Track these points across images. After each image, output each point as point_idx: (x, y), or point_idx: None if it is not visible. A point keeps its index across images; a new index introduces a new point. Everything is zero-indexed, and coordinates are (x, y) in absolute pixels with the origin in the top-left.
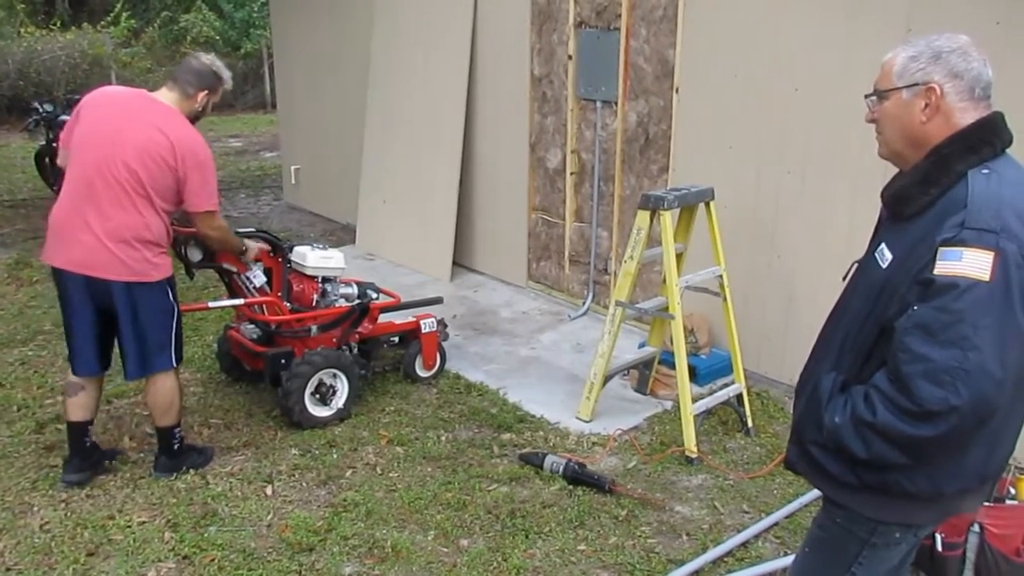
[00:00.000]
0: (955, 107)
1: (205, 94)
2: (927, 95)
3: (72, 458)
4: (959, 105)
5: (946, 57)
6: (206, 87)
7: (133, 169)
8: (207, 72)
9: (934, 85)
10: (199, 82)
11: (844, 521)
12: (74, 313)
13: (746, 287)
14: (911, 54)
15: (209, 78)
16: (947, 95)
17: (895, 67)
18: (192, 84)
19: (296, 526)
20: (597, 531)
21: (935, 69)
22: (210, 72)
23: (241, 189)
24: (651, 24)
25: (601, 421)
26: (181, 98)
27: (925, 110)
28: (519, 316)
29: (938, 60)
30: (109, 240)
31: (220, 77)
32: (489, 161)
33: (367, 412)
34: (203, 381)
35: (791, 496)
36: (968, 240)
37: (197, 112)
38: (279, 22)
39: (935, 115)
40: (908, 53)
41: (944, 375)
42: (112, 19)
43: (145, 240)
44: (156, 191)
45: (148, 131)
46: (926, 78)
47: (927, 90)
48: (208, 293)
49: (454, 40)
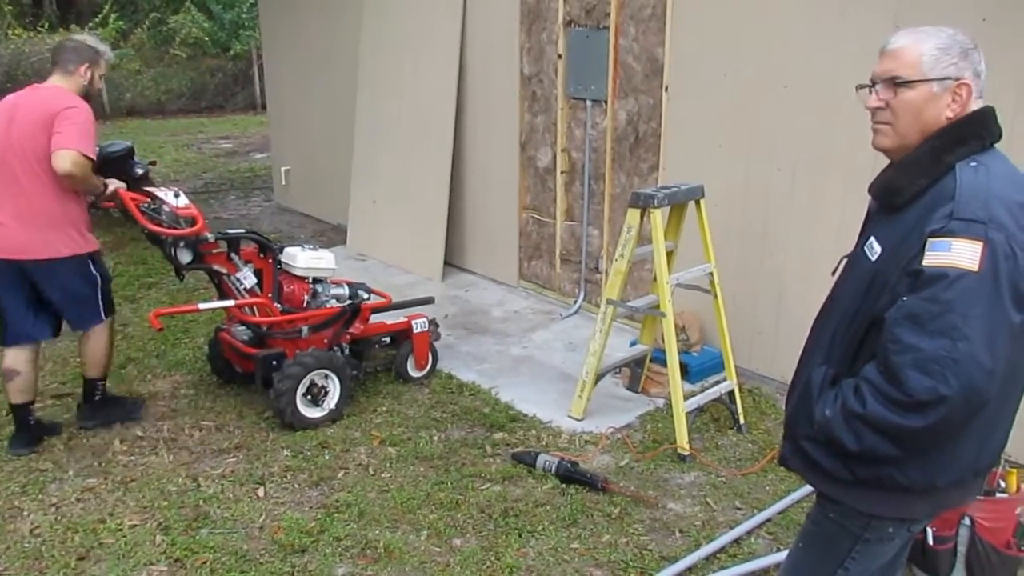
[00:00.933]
0: (971, 104)
1: (86, 67)
2: (959, 90)
3: (18, 433)
4: (973, 104)
5: (971, 55)
6: (86, 60)
7: (28, 156)
8: (82, 47)
9: (967, 82)
10: (77, 58)
11: (837, 516)
12: (5, 292)
13: (737, 284)
14: (941, 46)
15: (86, 52)
16: (972, 92)
17: (924, 57)
18: (72, 61)
19: (288, 527)
20: (590, 529)
21: (965, 65)
22: (85, 47)
23: (231, 190)
24: (640, 22)
25: (593, 419)
26: (64, 76)
27: (952, 105)
28: (511, 315)
29: (967, 57)
30: (19, 223)
31: (97, 50)
32: (479, 161)
33: (359, 413)
34: (194, 383)
35: (783, 492)
36: (957, 231)
37: (85, 86)
38: (268, 23)
39: (960, 110)
40: (935, 43)
41: (934, 365)
42: (100, 20)
43: (54, 219)
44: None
45: (34, 114)
46: (959, 73)
47: (959, 85)
48: (198, 295)
49: (443, 40)
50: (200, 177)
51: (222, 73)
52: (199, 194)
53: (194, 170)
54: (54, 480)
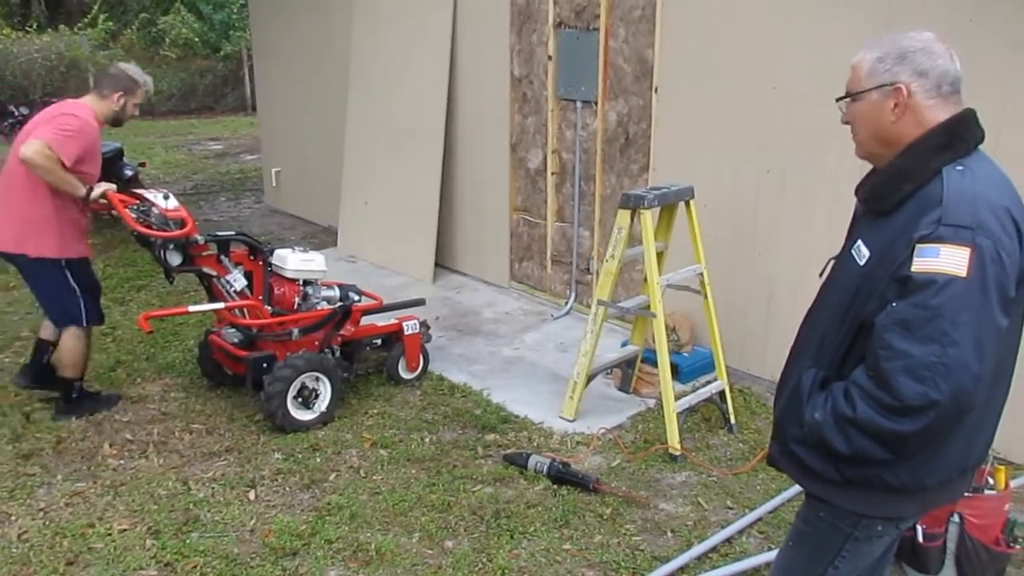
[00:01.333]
0: (923, 105)
1: (120, 95)
2: (895, 95)
3: (28, 366)
4: (927, 103)
5: (911, 56)
6: (121, 88)
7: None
8: (121, 76)
9: (901, 85)
10: (114, 84)
11: (827, 515)
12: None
13: (727, 285)
14: (878, 55)
15: (123, 81)
16: (915, 94)
17: (864, 69)
18: (108, 87)
19: (279, 531)
20: (582, 530)
21: (901, 69)
22: (124, 76)
23: (221, 192)
24: (630, 24)
25: (585, 420)
26: (97, 98)
27: (895, 110)
28: (502, 316)
29: (904, 60)
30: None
31: (135, 80)
32: (470, 162)
33: (350, 415)
34: (184, 386)
35: (774, 491)
36: (945, 237)
37: (116, 112)
38: (259, 24)
39: (904, 114)
40: (875, 54)
41: (924, 370)
42: (89, 21)
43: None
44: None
45: (41, 117)
46: (893, 78)
47: (895, 90)
48: (188, 297)
49: (434, 41)
50: (190, 179)
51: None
52: (189, 196)
53: (184, 172)
54: (42, 484)
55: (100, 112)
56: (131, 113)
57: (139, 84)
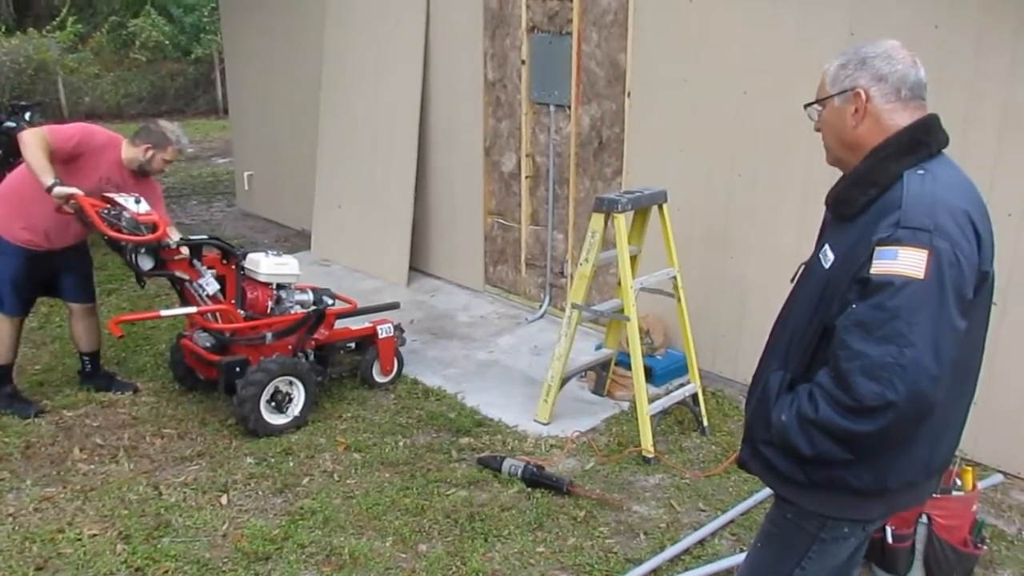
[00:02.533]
0: (882, 109)
1: (148, 147)
2: (855, 100)
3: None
4: (886, 107)
5: (871, 62)
6: (151, 143)
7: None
8: (155, 131)
9: (860, 90)
10: (146, 137)
11: (794, 517)
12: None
13: (700, 288)
14: (841, 62)
15: (156, 136)
16: (873, 98)
17: (828, 76)
18: (140, 138)
19: (252, 535)
20: (556, 532)
21: (861, 74)
22: (158, 131)
23: (193, 196)
24: (602, 28)
25: (559, 423)
26: (129, 144)
27: (855, 114)
28: (476, 320)
29: (864, 65)
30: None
31: (167, 137)
32: (444, 165)
33: (324, 419)
34: (156, 390)
35: (746, 493)
36: (903, 239)
37: (141, 161)
38: (230, 27)
39: (864, 119)
40: (839, 61)
41: (881, 371)
42: (58, 24)
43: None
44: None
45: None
46: (853, 83)
47: (854, 95)
48: (160, 301)
49: (407, 45)
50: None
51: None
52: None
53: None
54: (11, 490)
55: (127, 155)
56: (159, 168)
57: (171, 142)
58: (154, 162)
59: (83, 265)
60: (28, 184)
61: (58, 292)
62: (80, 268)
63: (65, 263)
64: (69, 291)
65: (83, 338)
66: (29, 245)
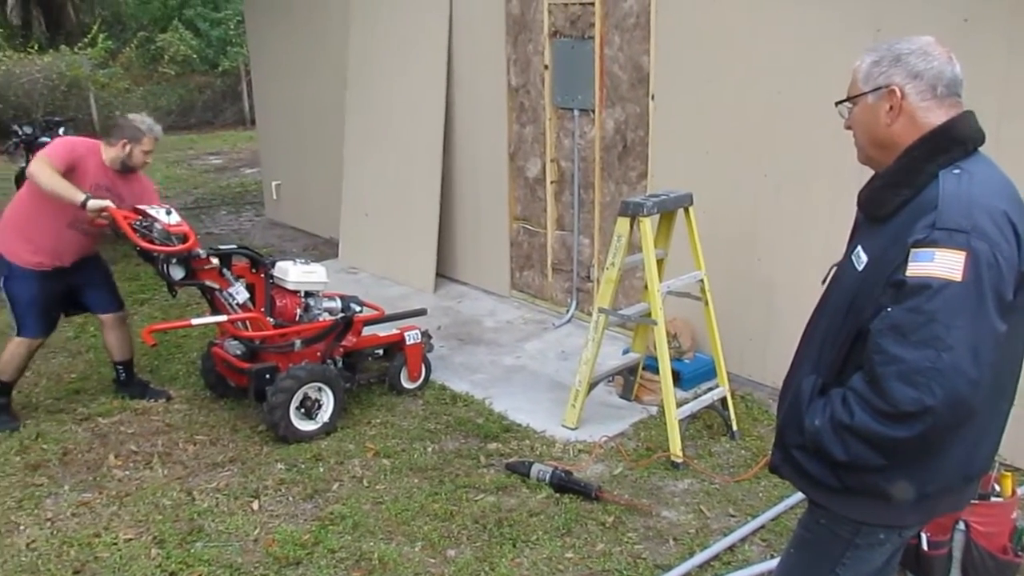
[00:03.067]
0: (918, 107)
1: (124, 142)
2: (889, 97)
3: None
4: (922, 105)
5: (905, 58)
6: (127, 137)
7: None
8: (127, 125)
9: (894, 87)
10: (119, 133)
11: (828, 522)
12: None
13: (727, 291)
14: (874, 59)
15: (130, 130)
16: (908, 96)
17: (861, 73)
18: (115, 136)
19: (283, 540)
20: (584, 538)
21: (895, 71)
22: (130, 125)
23: (222, 206)
24: (624, 32)
25: (587, 428)
26: (107, 145)
27: (889, 112)
28: (503, 325)
29: (898, 62)
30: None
31: (140, 129)
32: (469, 172)
33: (353, 425)
34: (188, 398)
35: (777, 498)
36: (939, 241)
37: (122, 158)
38: (256, 39)
39: (899, 116)
40: (872, 58)
41: (918, 376)
42: (89, 41)
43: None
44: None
45: None
46: (887, 81)
47: (888, 92)
48: (191, 310)
49: (430, 53)
50: (191, 193)
51: (211, 90)
52: (190, 210)
53: (184, 186)
54: (50, 495)
55: (108, 156)
56: (141, 160)
57: (144, 132)
58: (134, 156)
59: (101, 276)
60: (29, 206)
61: (85, 307)
62: (99, 279)
63: (82, 277)
64: (95, 303)
65: (116, 348)
66: (39, 267)
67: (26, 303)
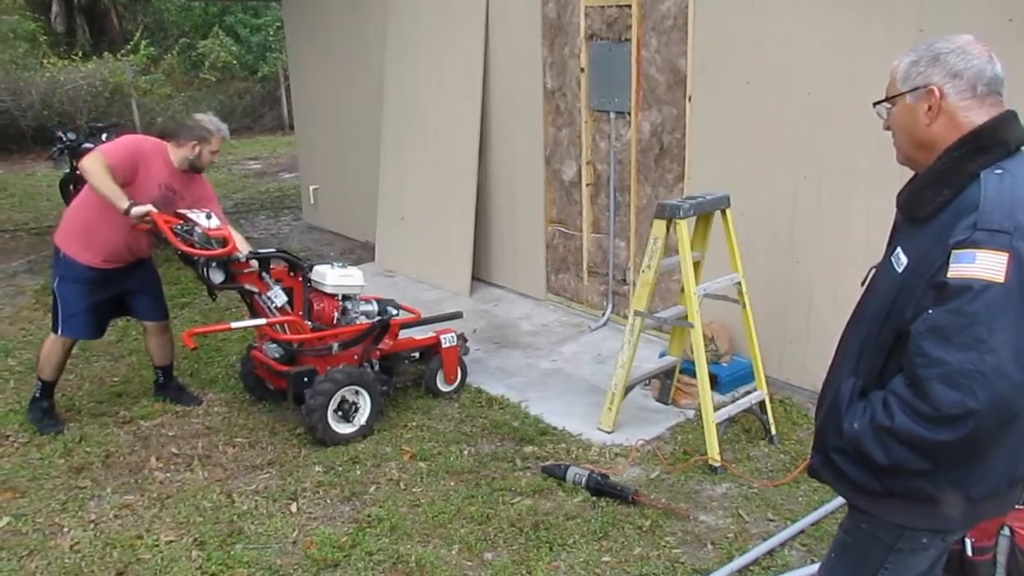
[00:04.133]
0: (958, 106)
1: (194, 143)
2: (928, 97)
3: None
4: (962, 104)
5: (944, 58)
6: (195, 138)
7: None
8: (195, 126)
9: (933, 87)
10: (188, 134)
11: (870, 527)
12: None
13: (765, 293)
14: (912, 59)
15: (199, 131)
16: (948, 95)
17: (899, 73)
18: (184, 136)
19: (321, 542)
20: (621, 542)
21: (934, 71)
22: (199, 126)
23: (261, 210)
24: (661, 34)
25: (623, 431)
26: (175, 146)
27: (928, 112)
28: (539, 328)
29: (937, 62)
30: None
31: (209, 130)
32: (505, 175)
33: (389, 428)
34: (227, 401)
35: (817, 503)
36: (981, 242)
37: (191, 159)
38: (295, 45)
39: (938, 116)
40: (910, 58)
41: (961, 378)
42: (132, 48)
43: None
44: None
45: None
46: (926, 80)
47: (927, 92)
48: (230, 314)
49: (467, 56)
50: (230, 198)
51: (250, 95)
52: (230, 214)
53: (224, 191)
54: (93, 497)
55: (175, 156)
56: (208, 160)
57: (213, 133)
58: (203, 156)
59: (152, 284)
60: (92, 210)
61: (132, 312)
62: (149, 287)
63: (134, 283)
64: (142, 311)
65: (157, 353)
66: (94, 265)
67: (76, 307)
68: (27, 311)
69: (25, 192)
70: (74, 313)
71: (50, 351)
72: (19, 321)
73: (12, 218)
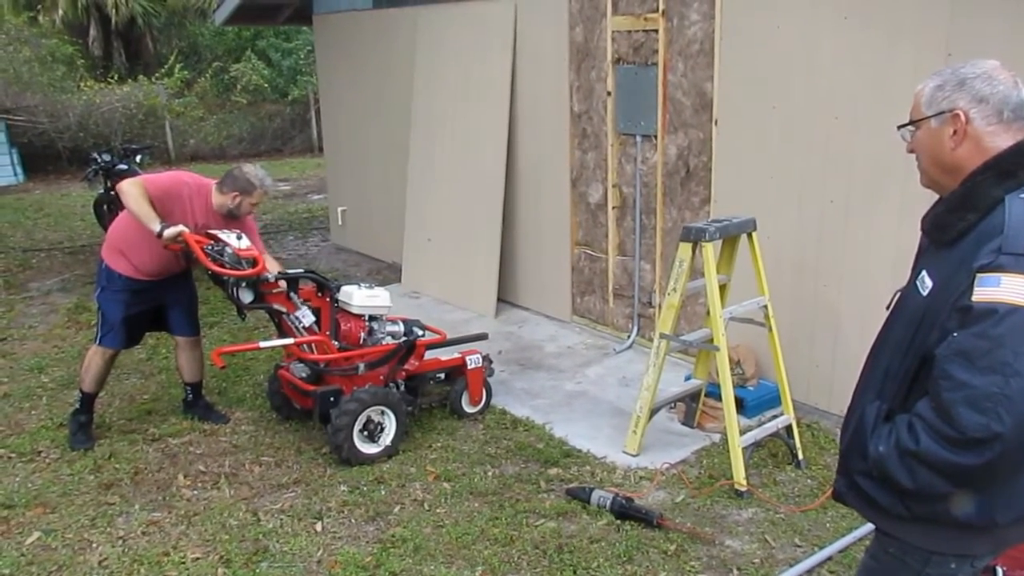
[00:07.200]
0: (984, 131)
1: (236, 194)
2: (953, 122)
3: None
4: (988, 129)
5: (970, 83)
6: (238, 189)
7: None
8: (240, 178)
9: (959, 111)
10: (232, 184)
11: (897, 551)
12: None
13: (792, 317)
14: (938, 83)
15: (242, 183)
16: (973, 120)
17: (923, 97)
18: (227, 185)
19: (345, 562)
20: (646, 566)
21: (960, 96)
22: (243, 178)
23: (290, 231)
24: (688, 58)
25: (648, 455)
26: (218, 192)
27: (953, 136)
28: (564, 351)
29: (963, 87)
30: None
31: (253, 183)
32: (531, 197)
33: (414, 448)
34: (254, 419)
35: (844, 529)
36: (1006, 265)
37: (230, 207)
38: (325, 69)
39: (964, 141)
40: (935, 83)
41: (986, 401)
42: (166, 71)
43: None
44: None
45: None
46: (951, 105)
47: (953, 117)
48: (259, 333)
49: (494, 80)
50: (260, 218)
51: (280, 118)
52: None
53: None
54: (121, 514)
55: (216, 202)
56: (247, 211)
57: (255, 186)
58: (242, 207)
59: (187, 299)
60: (132, 230)
61: (165, 326)
62: (185, 302)
63: (170, 298)
64: (176, 325)
65: (187, 369)
66: (133, 276)
67: (114, 316)
68: (60, 329)
69: (60, 212)
70: (113, 323)
71: (90, 362)
72: (52, 339)
73: (48, 237)
